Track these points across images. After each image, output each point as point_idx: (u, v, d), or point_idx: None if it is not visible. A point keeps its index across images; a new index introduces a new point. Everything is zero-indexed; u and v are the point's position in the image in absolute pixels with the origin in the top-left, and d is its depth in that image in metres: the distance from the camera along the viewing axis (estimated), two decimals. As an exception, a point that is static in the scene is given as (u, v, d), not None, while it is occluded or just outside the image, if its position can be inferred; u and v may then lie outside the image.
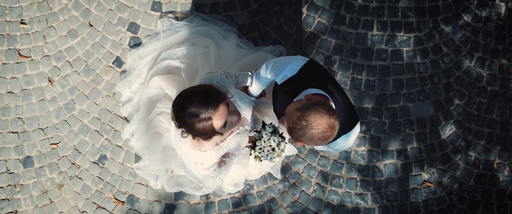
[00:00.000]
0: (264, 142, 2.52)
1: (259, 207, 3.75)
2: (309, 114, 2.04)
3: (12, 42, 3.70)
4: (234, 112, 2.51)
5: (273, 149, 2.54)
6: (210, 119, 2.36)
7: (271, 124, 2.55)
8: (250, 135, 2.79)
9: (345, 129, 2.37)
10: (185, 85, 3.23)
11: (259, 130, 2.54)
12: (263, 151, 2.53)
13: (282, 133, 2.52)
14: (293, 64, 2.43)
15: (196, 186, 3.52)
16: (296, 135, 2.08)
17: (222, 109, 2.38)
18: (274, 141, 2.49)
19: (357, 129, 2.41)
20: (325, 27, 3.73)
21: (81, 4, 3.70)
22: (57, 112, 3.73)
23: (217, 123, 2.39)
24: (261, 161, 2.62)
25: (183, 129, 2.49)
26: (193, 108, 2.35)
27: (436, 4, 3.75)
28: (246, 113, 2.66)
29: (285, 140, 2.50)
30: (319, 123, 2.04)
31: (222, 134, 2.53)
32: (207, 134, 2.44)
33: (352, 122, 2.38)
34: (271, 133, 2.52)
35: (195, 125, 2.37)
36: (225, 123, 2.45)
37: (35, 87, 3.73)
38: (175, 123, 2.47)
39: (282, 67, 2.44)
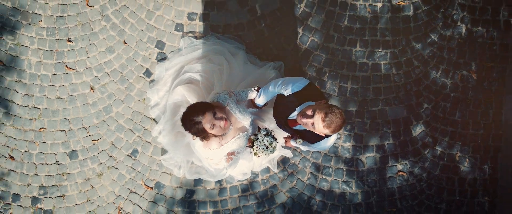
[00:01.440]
0: (260, 142, 3.41)
1: (263, 191, 4.58)
2: (337, 109, 2.87)
3: (60, 56, 4.52)
4: (220, 118, 3.31)
5: (267, 147, 3.42)
6: (200, 122, 3.20)
7: (266, 128, 3.42)
8: (250, 138, 3.61)
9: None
10: (202, 95, 4.06)
11: (256, 134, 3.42)
12: (259, 148, 3.41)
13: (274, 134, 3.38)
14: (299, 83, 3.23)
15: (212, 175, 4.35)
16: (331, 119, 2.88)
17: (208, 116, 3.20)
18: (267, 141, 3.38)
19: (335, 135, 3.23)
20: (317, 45, 4.55)
21: (117, 25, 4.51)
22: (97, 113, 4.56)
23: (206, 125, 3.21)
24: (258, 156, 3.50)
25: (188, 131, 3.32)
26: (191, 116, 3.20)
27: (408, 26, 4.56)
28: (245, 122, 3.47)
29: (276, 140, 3.36)
30: (341, 114, 2.88)
31: (216, 136, 3.36)
32: (202, 133, 3.27)
33: (333, 127, 3.20)
34: (265, 135, 3.40)
35: (192, 127, 3.22)
36: (214, 126, 3.27)
37: (79, 94, 4.55)
38: (184, 128, 3.31)
39: (290, 84, 3.24)
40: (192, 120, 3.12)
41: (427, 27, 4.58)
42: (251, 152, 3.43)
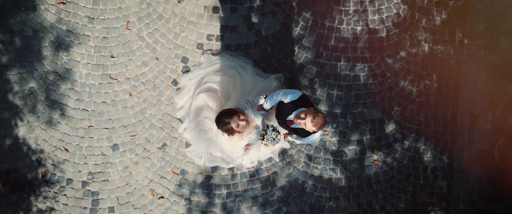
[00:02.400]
0: (268, 135, 4.57)
1: (266, 177, 5.75)
2: (321, 113, 4.04)
3: (105, 69, 5.69)
4: (243, 120, 4.46)
5: (274, 139, 4.59)
6: (229, 123, 4.36)
7: (272, 125, 4.59)
8: (261, 133, 4.76)
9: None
10: (220, 101, 5.22)
11: (265, 129, 4.58)
12: (268, 140, 4.58)
13: (278, 129, 4.56)
14: (295, 94, 4.39)
15: (226, 163, 5.50)
16: (317, 120, 4.04)
17: (234, 118, 4.36)
18: (274, 135, 4.55)
19: (320, 132, 4.40)
20: (310, 60, 5.71)
21: (150, 44, 5.68)
22: (134, 114, 5.72)
23: (233, 125, 4.37)
24: (267, 146, 4.67)
25: (220, 129, 4.49)
26: (223, 118, 4.36)
27: (382, 45, 5.73)
28: (258, 121, 4.63)
29: (280, 134, 4.54)
30: (323, 116, 4.04)
31: (239, 132, 4.51)
32: (230, 131, 4.43)
33: (317, 125, 4.37)
34: (272, 130, 4.57)
35: (223, 126, 4.38)
36: (239, 125, 4.42)
37: (120, 99, 5.72)
38: (218, 125, 4.47)
39: (289, 95, 4.40)
40: (224, 121, 4.29)
41: (397, 46, 5.75)
42: (262, 143, 4.58)
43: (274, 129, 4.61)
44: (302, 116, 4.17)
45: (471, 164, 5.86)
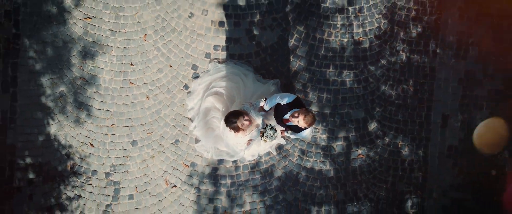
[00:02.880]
0: (267, 132, 5.46)
1: (265, 168, 6.64)
2: (312, 113, 4.93)
3: (125, 75, 6.57)
4: (247, 120, 5.34)
5: (272, 136, 5.48)
6: (235, 122, 5.25)
7: (270, 124, 5.48)
8: (261, 130, 5.63)
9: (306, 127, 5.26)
10: (226, 103, 6.10)
11: (264, 127, 5.47)
12: (267, 137, 5.47)
13: (276, 128, 5.44)
14: (290, 97, 5.27)
15: (230, 156, 6.38)
16: (308, 118, 4.93)
17: (240, 118, 5.25)
18: (272, 132, 5.45)
19: (311, 128, 5.29)
20: (303, 67, 6.60)
21: (165, 54, 6.56)
22: (151, 114, 6.61)
23: (239, 124, 5.26)
24: (266, 142, 5.56)
25: (228, 127, 5.37)
26: (230, 118, 5.25)
27: (366, 54, 6.62)
28: (259, 121, 5.51)
29: (277, 132, 5.43)
30: (313, 115, 4.94)
31: (243, 130, 5.39)
32: (236, 129, 5.32)
33: (308, 122, 5.25)
34: (270, 129, 5.46)
35: (231, 125, 5.26)
36: (243, 124, 5.30)
37: (138, 101, 6.60)
38: (224, 124, 5.35)
39: (285, 98, 5.28)
40: (231, 121, 5.18)
41: (378, 55, 6.64)
42: (262, 139, 5.47)
43: (272, 128, 5.50)
44: (296, 115, 5.06)
45: (443, 158, 6.75)
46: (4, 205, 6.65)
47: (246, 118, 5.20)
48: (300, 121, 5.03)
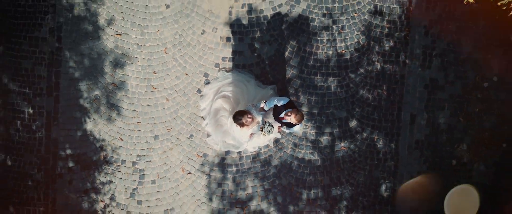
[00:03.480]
0: (266, 128, 6.88)
1: (264, 158, 8.05)
2: (301, 112, 6.36)
3: (149, 81, 7.98)
4: (249, 118, 6.76)
5: (269, 131, 6.90)
6: (241, 119, 6.67)
7: (268, 122, 6.91)
8: (261, 126, 7.03)
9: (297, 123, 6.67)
10: (233, 105, 7.51)
11: (263, 124, 6.89)
12: (266, 131, 6.89)
13: (273, 124, 6.87)
14: (284, 100, 6.69)
15: (236, 148, 7.78)
16: (298, 116, 6.36)
17: (244, 116, 6.67)
18: (270, 128, 6.86)
19: (301, 124, 6.71)
20: (295, 75, 8.02)
21: (182, 64, 7.97)
22: (170, 114, 8.02)
23: (243, 121, 6.68)
24: (265, 135, 6.97)
25: (235, 123, 6.78)
26: (237, 116, 6.68)
27: (347, 64, 8.04)
28: (259, 119, 6.92)
29: (274, 127, 6.85)
30: (302, 114, 6.37)
31: (247, 125, 6.81)
32: (241, 124, 6.74)
33: (298, 120, 6.65)
34: (268, 125, 6.87)
35: (238, 121, 6.69)
36: (247, 121, 6.72)
37: (160, 102, 8.01)
38: (232, 120, 6.77)
39: (281, 100, 6.70)
40: (238, 118, 6.60)
41: (358, 64, 8.07)
42: (261, 133, 6.90)
43: (270, 124, 6.91)
44: (289, 114, 6.49)
45: (411, 150, 8.17)
46: (48, 188, 8.05)
47: (249, 116, 6.62)
48: (292, 119, 6.46)
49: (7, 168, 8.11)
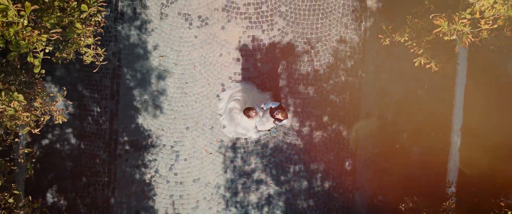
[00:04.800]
0: (272, 130, 10.33)
1: (263, 142, 11.48)
2: (286, 111, 9.81)
3: (183, 89, 11.41)
4: (254, 112, 10.18)
5: (275, 130, 10.36)
6: (249, 112, 10.12)
7: (274, 127, 10.39)
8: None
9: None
10: (242, 105, 10.95)
11: (270, 129, 10.34)
12: (272, 131, 10.34)
13: (270, 121, 10.37)
14: (275, 104, 10.13)
15: (244, 135, 11.22)
16: (284, 114, 9.79)
17: (251, 111, 10.10)
18: (273, 129, 10.32)
19: (287, 119, 10.16)
20: (285, 85, 11.46)
21: (206, 77, 11.40)
22: (197, 112, 11.44)
23: (250, 114, 10.12)
24: (270, 131, 10.43)
25: (245, 115, 10.22)
26: (245, 111, 10.13)
27: (321, 77, 11.52)
28: (260, 114, 10.35)
29: (274, 125, 10.33)
30: (286, 113, 9.83)
31: (253, 117, 10.25)
32: (249, 116, 10.19)
33: (284, 116, 10.08)
34: (274, 128, 10.33)
35: (246, 114, 10.15)
36: (253, 114, 10.15)
37: (190, 104, 11.44)
38: (243, 113, 10.22)
39: (276, 104, 10.14)
40: (247, 112, 10.04)
41: (328, 77, 11.51)
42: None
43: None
44: (277, 112, 9.95)
45: (366, 137, 11.63)
46: (111, 164, 11.46)
47: (254, 111, 10.08)
48: (279, 116, 9.91)
49: (81, 150, 11.48)
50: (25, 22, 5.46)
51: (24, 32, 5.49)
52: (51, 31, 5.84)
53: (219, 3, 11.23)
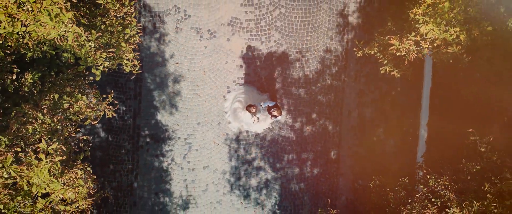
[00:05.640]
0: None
1: (262, 135, 13.71)
2: (280, 109, 12.06)
3: (194, 91, 13.65)
4: (256, 109, 12.40)
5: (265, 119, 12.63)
6: (251, 108, 12.35)
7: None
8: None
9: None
10: (244, 104, 13.18)
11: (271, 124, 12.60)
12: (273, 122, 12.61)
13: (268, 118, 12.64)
14: (272, 103, 12.38)
15: (248, 129, 13.44)
16: (278, 111, 12.00)
17: (252, 108, 12.32)
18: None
19: (282, 115, 12.40)
20: (280, 87, 13.70)
21: (214, 81, 13.63)
22: (207, 110, 13.67)
23: (252, 110, 12.34)
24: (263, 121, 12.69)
25: (247, 110, 12.46)
26: (247, 108, 12.38)
27: (311, 81, 13.76)
28: (260, 109, 12.59)
29: (271, 119, 12.61)
30: (281, 110, 12.09)
31: (254, 113, 12.48)
32: (251, 112, 12.42)
33: (279, 113, 12.32)
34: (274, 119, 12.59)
35: (249, 110, 12.39)
36: (254, 110, 12.37)
37: (201, 104, 13.67)
38: (245, 110, 12.46)
39: (273, 103, 12.39)
40: (248, 109, 12.28)
41: (317, 81, 13.76)
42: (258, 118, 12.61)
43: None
44: (273, 110, 12.19)
45: (348, 132, 13.86)
46: (134, 154, 13.71)
47: (255, 108, 12.32)
48: (275, 113, 12.14)
49: (109, 142, 13.72)
50: (92, 45, 7.70)
51: (91, 52, 7.74)
52: (108, 50, 8.08)
53: (225, 19, 13.47)
